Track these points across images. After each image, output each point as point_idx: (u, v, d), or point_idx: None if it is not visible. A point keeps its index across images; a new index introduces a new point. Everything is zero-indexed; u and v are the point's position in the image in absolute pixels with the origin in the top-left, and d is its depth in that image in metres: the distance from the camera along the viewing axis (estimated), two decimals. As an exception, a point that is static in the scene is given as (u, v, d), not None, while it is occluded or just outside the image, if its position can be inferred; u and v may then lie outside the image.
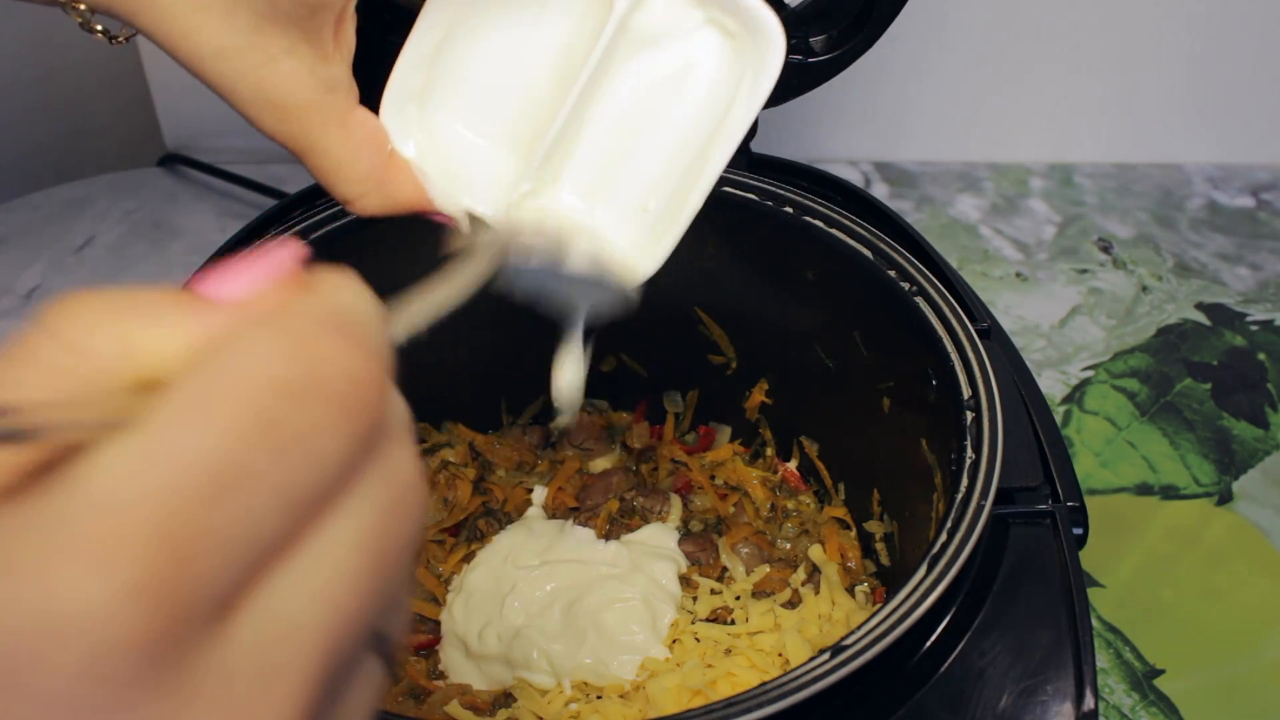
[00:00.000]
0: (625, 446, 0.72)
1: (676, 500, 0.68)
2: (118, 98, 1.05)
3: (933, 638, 0.45)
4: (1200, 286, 0.93)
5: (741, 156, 0.53)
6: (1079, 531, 0.51)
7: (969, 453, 0.49)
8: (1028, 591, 0.47)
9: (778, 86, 0.40)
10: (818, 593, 0.61)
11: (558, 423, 0.70)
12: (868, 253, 0.58)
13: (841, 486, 0.67)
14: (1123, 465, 0.78)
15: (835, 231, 0.59)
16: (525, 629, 0.59)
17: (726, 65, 0.42)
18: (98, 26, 0.39)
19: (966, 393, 0.51)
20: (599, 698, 0.56)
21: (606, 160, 0.44)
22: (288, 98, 0.38)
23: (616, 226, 0.44)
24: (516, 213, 0.43)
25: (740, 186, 0.61)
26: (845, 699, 0.42)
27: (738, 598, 0.61)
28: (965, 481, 0.47)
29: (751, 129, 0.42)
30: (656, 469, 0.71)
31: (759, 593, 0.62)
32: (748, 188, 0.61)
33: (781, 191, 0.61)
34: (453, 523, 0.67)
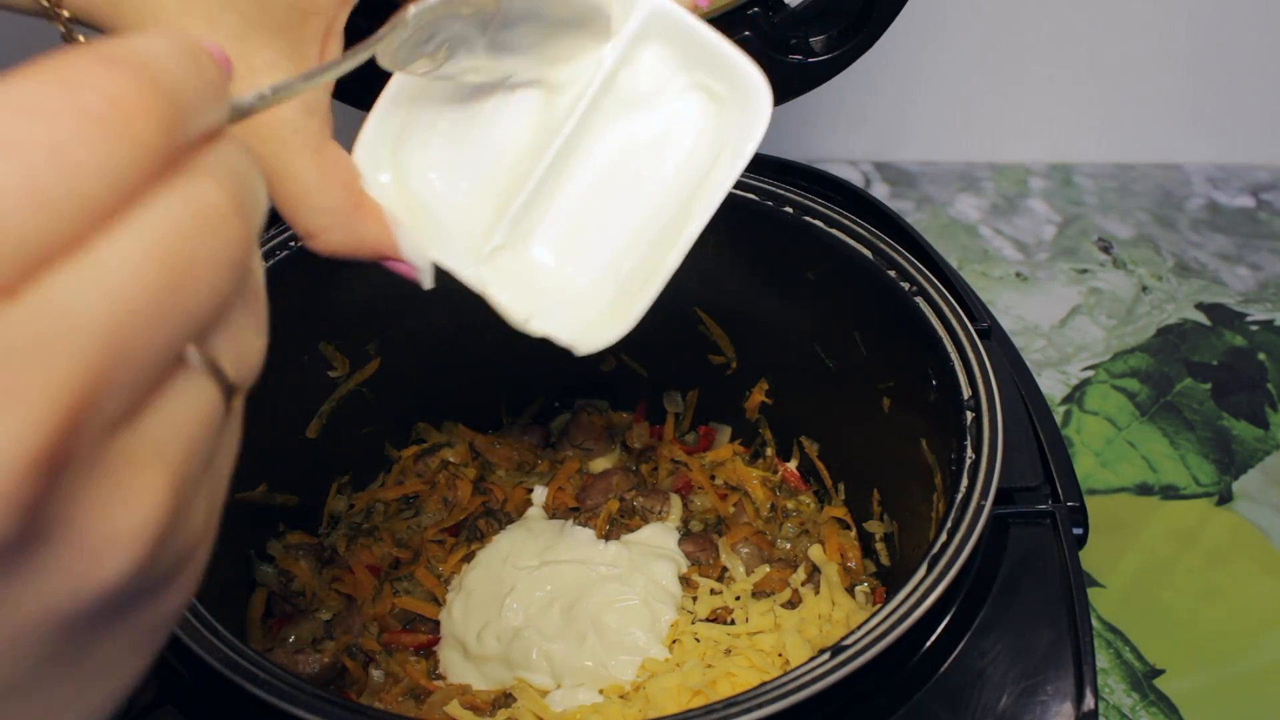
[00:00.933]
0: (625, 446, 0.72)
1: (676, 500, 0.68)
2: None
3: (933, 638, 0.45)
4: (1200, 286, 0.93)
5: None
6: (1079, 531, 0.51)
7: (969, 453, 0.49)
8: (1028, 592, 0.47)
9: (778, 87, 0.40)
10: (818, 593, 0.61)
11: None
12: (868, 253, 0.58)
13: (841, 486, 0.67)
14: (1123, 465, 0.78)
15: (835, 231, 0.59)
16: (525, 629, 0.59)
17: (710, 129, 0.41)
18: (80, 37, 0.38)
19: (966, 393, 0.51)
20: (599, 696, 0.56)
21: (581, 219, 0.42)
22: (263, 114, 0.38)
23: (585, 290, 0.42)
24: (485, 268, 0.41)
25: (740, 186, 0.61)
26: (845, 699, 0.42)
27: (738, 598, 0.61)
28: (965, 481, 0.47)
29: None
30: (656, 469, 0.71)
31: (759, 593, 0.62)
32: (748, 188, 0.61)
33: (781, 191, 0.61)
34: (453, 523, 0.67)
